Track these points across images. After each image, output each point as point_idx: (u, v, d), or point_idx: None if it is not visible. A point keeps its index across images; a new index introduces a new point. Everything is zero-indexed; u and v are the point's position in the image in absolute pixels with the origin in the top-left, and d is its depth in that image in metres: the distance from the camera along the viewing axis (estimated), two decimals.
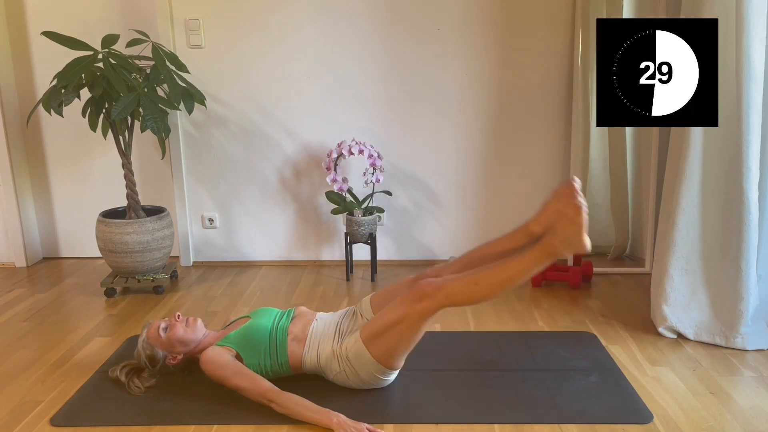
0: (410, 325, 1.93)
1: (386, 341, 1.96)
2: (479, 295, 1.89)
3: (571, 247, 1.82)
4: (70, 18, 3.24)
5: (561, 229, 1.82)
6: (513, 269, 1.86)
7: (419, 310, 1.91)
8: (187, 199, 3.43)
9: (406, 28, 3.17)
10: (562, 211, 1.82)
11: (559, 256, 1.84)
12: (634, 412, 1.94)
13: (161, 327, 2.13)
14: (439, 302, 1.89)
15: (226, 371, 1.99)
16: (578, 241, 1.81)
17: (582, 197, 1.81)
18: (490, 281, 1.87)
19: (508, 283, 1.87)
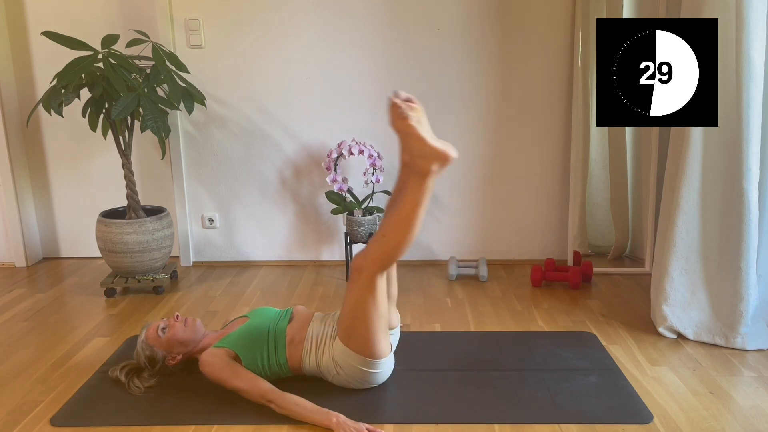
0: (363, 304, 1.92)
1: (356, 330, 1.96)
2: (393, 242, 1.86)
3: (428, 157, 1.79)
4: (70, 18, 3.24)
5: (407, 145, 1.81)
6: (404, 205, 1.84)
7: (361, 286, 1.91)
8: (187, 199, 3.43)
9: (406, 28, 3.17)
10: (398, 129, 1.80)
11: (427, 171, 1.79)
12: (634, 412, 1.94)
13: (160, 327, 2.13)
14: (370, 269, 1.88)
15: (224, 373, 1.99)
16: (426, 149, 1.77)
17: (407, 105, 1.77)
18: (394, 226, 1.86)
19: (408, 219, 1.83)
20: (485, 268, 3.15)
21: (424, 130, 1.79)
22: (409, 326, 2.63)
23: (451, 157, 1.81)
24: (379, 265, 1.89)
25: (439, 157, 1.80)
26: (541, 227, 3.41)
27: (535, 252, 3.44)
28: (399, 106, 1.77)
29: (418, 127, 1.77)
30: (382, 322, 1.97)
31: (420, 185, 1.81)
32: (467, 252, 3.44)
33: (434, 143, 1.79)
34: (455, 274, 3.19)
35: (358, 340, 1.97)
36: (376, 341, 1.98)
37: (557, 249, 3.42)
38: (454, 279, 3.18)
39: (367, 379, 2.05)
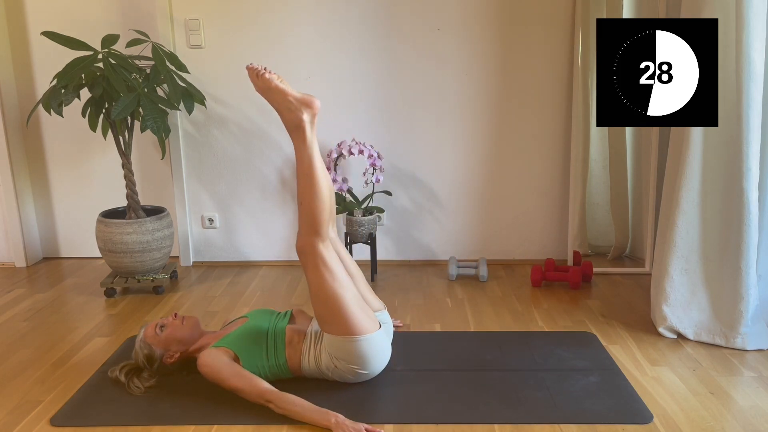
0: (322, 283, 1.96)
1: (329, 313, 1.97)
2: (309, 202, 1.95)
3: (294, 108, 1.93)
4: (70, 18, 3.24)
5: (272, 102, 1.97)
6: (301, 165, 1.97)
7: (311, 265, 1.97)
8: (187, 199, 3.43)
9: (406, 29, 3.17)
10: (260, 90, 1.98)
11: (300, 121, 1.93)
12: (634, 412, 1.94)
13: (158, 326, 2.13)
14: (309, 241, 1.96)
15: (222, 373, 1.99)
16: (289, 98, 1.92)
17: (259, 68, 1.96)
18: (302, 189, 1.97)
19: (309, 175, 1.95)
20: (485, 268, 3.15)
21: (284, 84, 1.94)
22: (409, 326, 2.63)
23: (315, 102, 1.95)
24: (312, 232, 1.96)
25: (304, 103, 1.93)
26: (541, 227, 3.41)
27: (535, 252, 3.44)
28: (254, 67, 1.96)
29: (277, 82, 1.94)
30: (348, 294, 1.99)
31: (303, 139, 1.95)
32: (467, 252, 3.44)
33: (295, 93, 1.94)
34: (455, 274, 3.19)
35: (335, 322, 1.98)
36: (352, 315, 1.97)
37: (557, 249, 3.42)
38: (454, 279, 3.18)
39: (364, 359, 2.02)
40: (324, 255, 1.97)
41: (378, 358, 2.06)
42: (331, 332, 2.00)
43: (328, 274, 1.96)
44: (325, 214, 1.97)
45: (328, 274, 1.96)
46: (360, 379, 2.08)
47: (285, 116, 1.96)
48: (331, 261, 1.98)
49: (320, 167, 1.97)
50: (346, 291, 1.98)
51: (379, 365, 2.09)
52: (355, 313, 1.98)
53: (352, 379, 2.08)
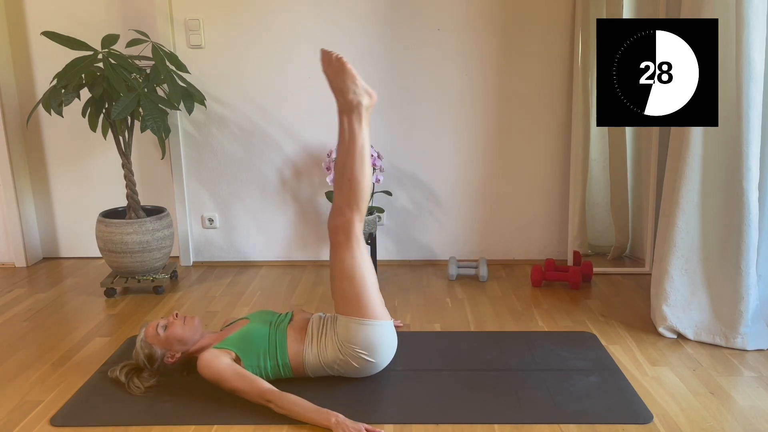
0: (354, 261, 2.01)
1: (351, 291, 2.01)
2: (359, 180, 2.03)
3: (358, 92, 2.04)
4: (70, 18, 3.24)
5: (340, 85, 2.06)
6: (353, 143, 2.05)
7: (347, 244, 2.02)
8: (187, 199, 3.43)
9: (406, 28, 3.17)
10: (333, 69, 2.06)
11: (358, 104, 2.04)
12: (634, 412, 1.94)
13: (159, 325, 2.13)
14: (351, 220, 2.03)
15: (223, 374, 1.99)
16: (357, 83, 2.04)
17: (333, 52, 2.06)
18: (354, 166, 2.04)
19: (362, 154, 2.04)
20: (485, 268, 3.15)
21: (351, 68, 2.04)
22: (409, 326, 2.63)
23: (375, 94, 2.08)
24: (356, 211, 2.03)
25: (367, 92, 2.06)
26: (541, 227, 3.41)
27: (535, 252, 3.44)
28: (330, 52, 2.07)
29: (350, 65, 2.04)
30: (372, 279, 2.05)
31: (359, 120, 2.05)
32: (467, 252, 3.44)
33: (362, 81, 2.06)
34: (455, 274, 3.19)
35: (355, 303, 2.00)
36: (372, 299, 2.02)
37: (557, 249, 3.42)
38: (454, 279, 3.18)
39: (373, 346, 2.03)
40: (359, 234, 2.04)
41: (385, 348, 2.07)
42: (348, 313, 2.02)
43: (359, 253, 2.03)
44: (368, 192, 2.06)
45: (359, 253, 2.03)
46: (364, 370, 2.08)
47: (347, 98, 2.05)
48: (363, 241, 2.05)
49: (369, 149, 2.06)
50: (371, 275, 2.05)
51: (385, 357, 2.09)
52: (375, 297, 2.04)
53: (357, 371, 2.08)
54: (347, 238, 2.03)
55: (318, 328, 2.12)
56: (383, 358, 2.09)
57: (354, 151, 2.04)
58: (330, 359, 2.07)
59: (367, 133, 2.06)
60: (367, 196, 2.06)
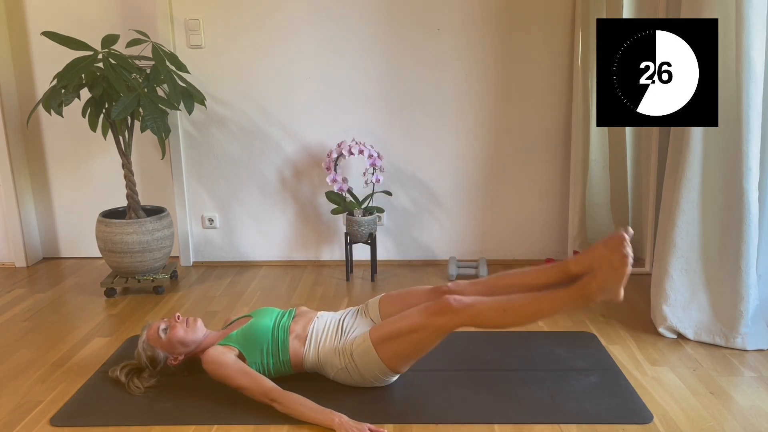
0: (427, 336, 1.94)
1: (397, 346, 1.96)
2: (505, 321, 1.90)
3: (607, 293, 1.81)
4: (70, 18, 3.24)
5: (602, 274, 1.81)
6: (544, 304, 1.87)
7: (441, 324, 1.91)
8: (187, 199, 3.43)
9: (406, 28, 3.17)
10: (608, 257, 1.81)
11: (592, 300, 1.83)
12: (634, 412, 1.94)
13: (161, 328, 2.12)
14: (463, 320, 1.90)
15: (228, 370, 1.99)
16: (615, 289, 1.81)
17: (630, 249, 1.80)
18: (520, 311, 1.88)
19: (536, 317, 1.92)
20: (485, 268, 3.15)
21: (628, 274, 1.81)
22: None
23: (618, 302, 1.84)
24: (474, 323, 1.91)
25: (614, 299, 1.82)
26: (541, 227, 3.41)
27: (535, 252, 3.44)
28: (628, 245, 1.80)
29: (629, 270, 1.81)
30: (422, 355, 2.02)
31: (572, 301, 1.84)
32: (467, 252, 3.44)
33: (623, 290, 1.83)
34: (455, 274, 3.19)
35: (390, 352, 1.97)
36: (406, 363, 2.03)
37: (557, 249, 3.42)
38: (454, 279, 3.18)
39: (374, 382, 2.06)
40: (451, 331, 1.94)
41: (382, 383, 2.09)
42: (379, 351, 1.97)
43: (435, 337, 1.95)
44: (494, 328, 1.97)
45: (435, 337, 1.95)
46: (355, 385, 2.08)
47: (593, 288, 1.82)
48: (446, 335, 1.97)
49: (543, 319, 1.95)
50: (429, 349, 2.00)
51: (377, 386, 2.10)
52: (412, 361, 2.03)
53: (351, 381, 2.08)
54: (442, 320, 1.91)
55: (323, 330, 2.12)
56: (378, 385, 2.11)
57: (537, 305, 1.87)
58: (330, 364, 2.07)
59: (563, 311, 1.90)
60: (489, 327, 1.96)
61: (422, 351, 2.00)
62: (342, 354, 2.04)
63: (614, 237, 1.83)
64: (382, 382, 2.07)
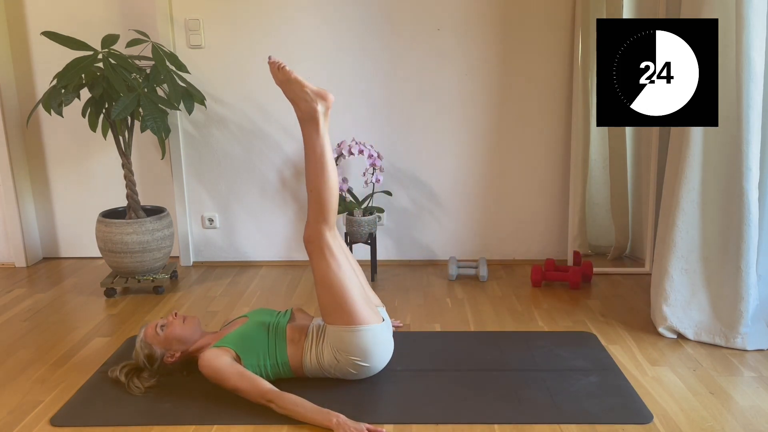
0: (328, 271, 2.01)
1: (333, 301, 2.00)
2: (319, 189, 2.03)
3: (309, 99, 2.05)
4: (70, 18, 3.24)
5: (291, 95, 2.07)
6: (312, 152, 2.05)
7: (318, 254, 2.02)
8: (187, 199, 3.43)
9: (406, 29, 3.17)
10: (280, 81, 2.09)
11: (314, 111, 2.04)
12: (634, 412, 1.94)
13: (158, 325, 2.13)
14: (317, 229, 2.03)
15: (224, 373, 1.99)
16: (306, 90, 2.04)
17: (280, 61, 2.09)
18: (313, 175, 2.04)
19: (321, 162, 2.04)
20: (485, 268, 3.15)
21: (301, 77, 2.06)
22: (409, 326, 2.62)
23: (329, 95, 2.06)
24: (321, 219, 2.02)
25: (320, 95, 2.05)
26: (541, 227, 3.41)
27: (535, 252, 3.44)
28: (275, 60, 2.10)
29: (296, 74, 2.06)
30: (352, 285, 2.03)
31: (317, 129, 2.04)
32: (467, 252, 3.44)
33: (311, 85, 2.06)
34: (455, 274, 3.19)
35: (338, 312, 2.00)
36: (355, 305, 2.01)
37: (557, 249, 3.42)
38: (454, 279, 3.18)
39: (366, 351, 2.03)
40: (330, 243, 2.03)
41: (379, 350, 2.07)
42: (334, 322, 2.01)
43: (333, 262, 2.01)
44: (333, 201, 2.04)
45: (333, 262, 2.01)
46: (362, 374, 2.08)
47: (300, 107, 2.06)
48: (337, 250, 2.03)
49: (330, 157, 2.06)
50: (350, 281, 2.03)
51: (381, 359, 2.09)
52: (358, 302, 2.02)
53: (355, 375, 2.08)
54: (319, 248, 2.02)
55: (318, 334, 2.12)
56: (378, 361, 2.09)
57: (311, 161, 2.04)
58: (327, 365, 2.07)
59: (326, 140, 2.05)
60: (332, 206, 2.04)
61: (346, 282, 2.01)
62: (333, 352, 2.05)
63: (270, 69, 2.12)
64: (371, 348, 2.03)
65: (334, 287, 2.01)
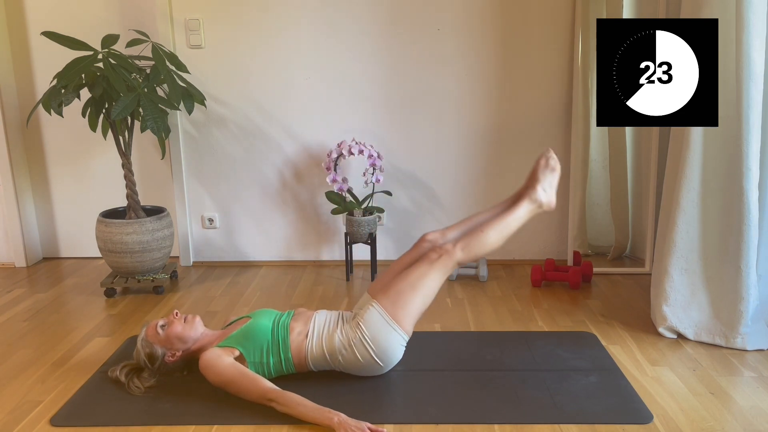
0: (428, 281, 2.11)
1: (408, 299, 2.09)
2: (487, 241, 2.17)
3: (546, 191, 2.25)
4: (70, 18, 3.24)
5: (542, 176, 2.25)
6: (509, 217, 2.22)
7: (440, 265, 2.12)
8: (187, 199, 3.43)
9: (406, 28, 3.17)
10: (544, 165, 2.27)
11: (537, 202, 2.24)
12: (634, 412, 1.94)
13: (159, 324, 2.13)
14: (455, 256, 2.14)
15: (225, 373, 1.99)
16: (551, 192, 2.26)
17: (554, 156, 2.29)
18: (494, 227, 2.19)
19: (506, 229, 2.21)
20: (485, 268, 3.15)
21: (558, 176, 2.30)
22: None
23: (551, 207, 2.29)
24: (464, 256, 2.16)
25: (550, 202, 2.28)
26: (541, 227, 3.41)
27: (535, 252, 3.44)
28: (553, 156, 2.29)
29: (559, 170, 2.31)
30: (427, 305, 2.14)
31: (528, 209, 2.24)
32: None
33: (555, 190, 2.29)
34: (455, 274, 3.19)
35: (400, 304, 2.08)
36: (415, 315, 2.12)
37: (557, 249, 3.42)
38: (454, 279, 3.18)
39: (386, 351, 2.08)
40: (449, 269, 2.16)
41: (393, 358, 2.12)
42: (386, 308, 2.08)
43: (439, 280, 2.14)
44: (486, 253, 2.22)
45: (439, 280, 2.14)
46: (366, 368, 2.09)
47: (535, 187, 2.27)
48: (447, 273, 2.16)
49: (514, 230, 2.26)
50: (430, 300, 2.15)
51: (389, 363, 2.12)
52: (417, 314, 2.13)
53: (359, 366, 2.08)
54: (440, 261, 2.13)
55: (324, 322, 2.14)
56: (386, 364, 2.11)
57: (504, 221, 2.21)
58: (335, 348, 2.07)
59: (524, 220, 2.24)
60: (482, 255, 2.19)
61: (427, 300, 2.12)
62: (349, 331, 2.07)
63: (544, 153, 2.29)
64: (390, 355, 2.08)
65: (419, 292, 2.11)
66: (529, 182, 2.28)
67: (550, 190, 2.26)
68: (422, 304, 2.12)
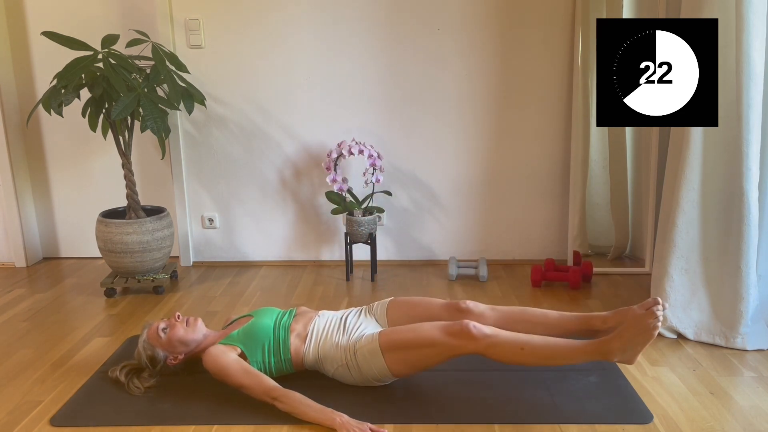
0: (438, 353, 1.95)
1: (406, 355, 1.97)
2: (519, 359, 1.91)
3: (625, 355, 1.85)
4: (70, 18, 3.24)
5: (629, 334, 1.83)
6: (561, 351, 1.89)
7: (456, 346, 1.92)
8: (187, 199, 3.43)
9: (405, 29, 3.17)
10: (641, 317, 1.83)
11: (610, 359, 1.86)
12: (634, 412, 1.94)
13: (161, 327, 2.12)
14: (478, 348, 1.91)
15: (229, 369, 1.99)
16: (635, 352, 1.84)
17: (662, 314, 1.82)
18: (536, 353, 1.90)
19: (550, 362, 1.93)
20: (485, 268, 3.15)
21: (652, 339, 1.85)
22: None
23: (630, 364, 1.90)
24: (489, 353, 1.91)
25: (629, 361, 1.87)
26: (541, 227, 3.41)
27: (535, 252, 3.44)
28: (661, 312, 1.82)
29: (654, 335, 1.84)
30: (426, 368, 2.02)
31: (589, 355, 1.87)
32: (467, 252, 3.44)
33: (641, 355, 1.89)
34: (455, 274, 3.19)
35: (397, 360, 1.98)
36: (411, 372, 2.02)
37: (557, 249, 3.42)
38: (454, 279, 3.18)
39: (373, 383, 2.07)
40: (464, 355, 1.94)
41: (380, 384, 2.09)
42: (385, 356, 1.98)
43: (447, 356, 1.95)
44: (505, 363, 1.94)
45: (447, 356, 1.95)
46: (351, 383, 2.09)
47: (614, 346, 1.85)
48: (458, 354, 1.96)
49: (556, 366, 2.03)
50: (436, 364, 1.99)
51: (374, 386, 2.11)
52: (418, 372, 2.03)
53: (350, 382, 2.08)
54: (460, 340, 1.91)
55: (324, 328, 2.13)
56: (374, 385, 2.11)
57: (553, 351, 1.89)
58: (329, 360, 2.07)
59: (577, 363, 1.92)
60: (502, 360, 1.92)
61: (429, 365, 2.00)
62: (345, 351, 2.04)
63: (649, 301, 1.85)
64: (379, 383, 2.07)
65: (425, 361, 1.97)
66: (613, 330, 1.90)
67: (631, 352, 1.84)
68: (421, 366, 1.99)
